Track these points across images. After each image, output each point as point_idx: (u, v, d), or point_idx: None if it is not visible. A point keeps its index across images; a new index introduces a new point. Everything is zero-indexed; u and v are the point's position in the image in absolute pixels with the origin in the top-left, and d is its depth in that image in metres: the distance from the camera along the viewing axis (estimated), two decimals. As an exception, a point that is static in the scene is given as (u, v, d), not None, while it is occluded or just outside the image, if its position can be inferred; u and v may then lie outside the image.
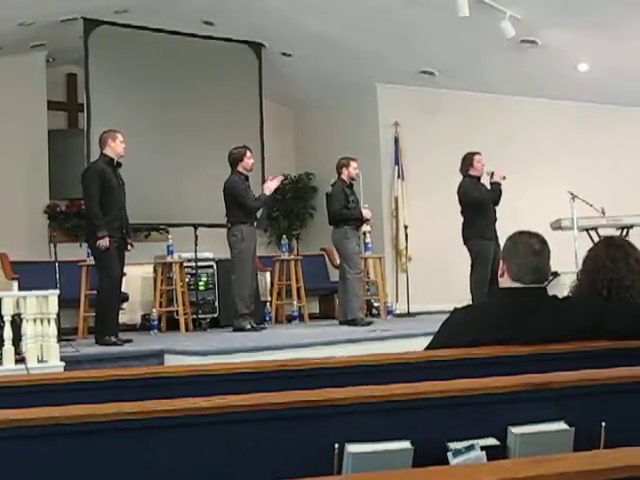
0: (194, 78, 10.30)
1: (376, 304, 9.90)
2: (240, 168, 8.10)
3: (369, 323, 8.16)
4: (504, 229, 8.16)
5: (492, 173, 8.25)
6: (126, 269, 7.76)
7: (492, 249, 7.96)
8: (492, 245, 7.97)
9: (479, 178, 8.24)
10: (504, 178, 8.19)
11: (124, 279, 7.87)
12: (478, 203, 8.09)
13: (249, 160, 8.15)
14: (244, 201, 7.91)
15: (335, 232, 8.43)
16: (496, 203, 8.23)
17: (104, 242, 6.86)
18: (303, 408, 1.77)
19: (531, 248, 2.79)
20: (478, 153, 8.28)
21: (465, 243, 8.16)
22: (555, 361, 2.50)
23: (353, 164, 8.51)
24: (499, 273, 2.87)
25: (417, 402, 1.85)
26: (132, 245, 7.34)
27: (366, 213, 8.54)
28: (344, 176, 8.48)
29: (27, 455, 1.62)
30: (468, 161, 8.25)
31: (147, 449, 1.68)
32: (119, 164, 7.17)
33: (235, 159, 8.13)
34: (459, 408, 1.88)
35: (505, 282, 2.83)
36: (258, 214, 8.24)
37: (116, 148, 7.13)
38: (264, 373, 2.44)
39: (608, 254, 2.95)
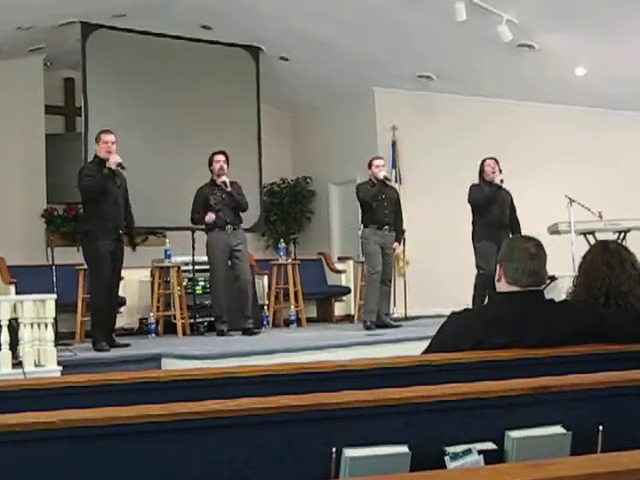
0: (192, 82, 10.31)
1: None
2: (213, 173, 8.24)
3: (368, 328, 8.11)
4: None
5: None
6: (124, 273, 7.75)
7: (493, 250, 7.99)
8: (492, 246, 7.99)
9: (490, 182, 8.24)
10: (502, 181, 8.24)
11: (122, 283, 7.85)
12: (474, 204, 8.19)
13: (216, 164, 8.19)
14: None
15: (361, 234, 8.44)
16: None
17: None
18: (301, 412, 1.77)
19: (527, 252, 2.79)
20: (490, 158, 8.33)
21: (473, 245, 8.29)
22: (552, 365, 2.49)
23: (375, 162, 8.39)
24: (496, 277, 2.87)
25: (414, 406, 1.85)
26: (135, 245, 7.41)
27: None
28: (370, 175, 8.42)
29: (22, 460, 1.62)
30: (480, 166, 8.36)
31: (142, 453, 1.67)
32: (122, 166, 7.02)
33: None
34: (456, 412, 1.88)
35: (502, 286, 2.83)
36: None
37: (99, 150, 7.05)
38: (261, 377, 2.44)
39: (604, 260, 2.93)
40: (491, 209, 8.16)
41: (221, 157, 8.19)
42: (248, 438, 1.73)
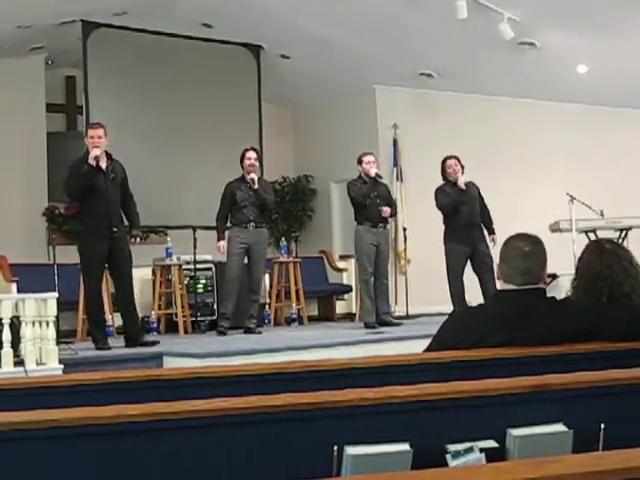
0: (193, 80, 10.32)
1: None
2: (244, 170, 8.15)
3: (372, 327, 8.10)
4: (502, 231, 8.18)
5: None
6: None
7: (462, 253, 7.94)
8: (462, 248, 7.93)
9: (454, 183, 8.10)
10: (466, 184, 8.08)
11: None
12: (441, 208, 8.11)
13: (247, 161, 8.15)
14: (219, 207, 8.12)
15: (355, 231, 8.30)
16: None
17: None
18: (302, 410, 1.77)
19: (519, 250, 2.79)
20: (450, 157, 8.16)
21: None
22: (554, 363, 2.49)
23: (365, 159, 8.22)
24: (496, 276, 2.88)
25: (416, 404, 1.85)
26: (139, 238, 7.10)
27: (384, 211, 8.18)
28: (360, 172, 8.28)
29: (26, 457, 1.62)
30: (442, 166, 8.20)
31: (146, 451, 1.68)
32: (109, 156, 6.79)
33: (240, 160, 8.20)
34: (458, 410, 1.88)
35: (501, 285, 2.85)
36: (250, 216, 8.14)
37: (88, 144, 6.77)
38: (263, 375, 2.44)
39: (602, 261, 2.91)
40: (461, 210, 8.01)
41: (253, 154, 8.18)
42: (250, 436, 1.74)
